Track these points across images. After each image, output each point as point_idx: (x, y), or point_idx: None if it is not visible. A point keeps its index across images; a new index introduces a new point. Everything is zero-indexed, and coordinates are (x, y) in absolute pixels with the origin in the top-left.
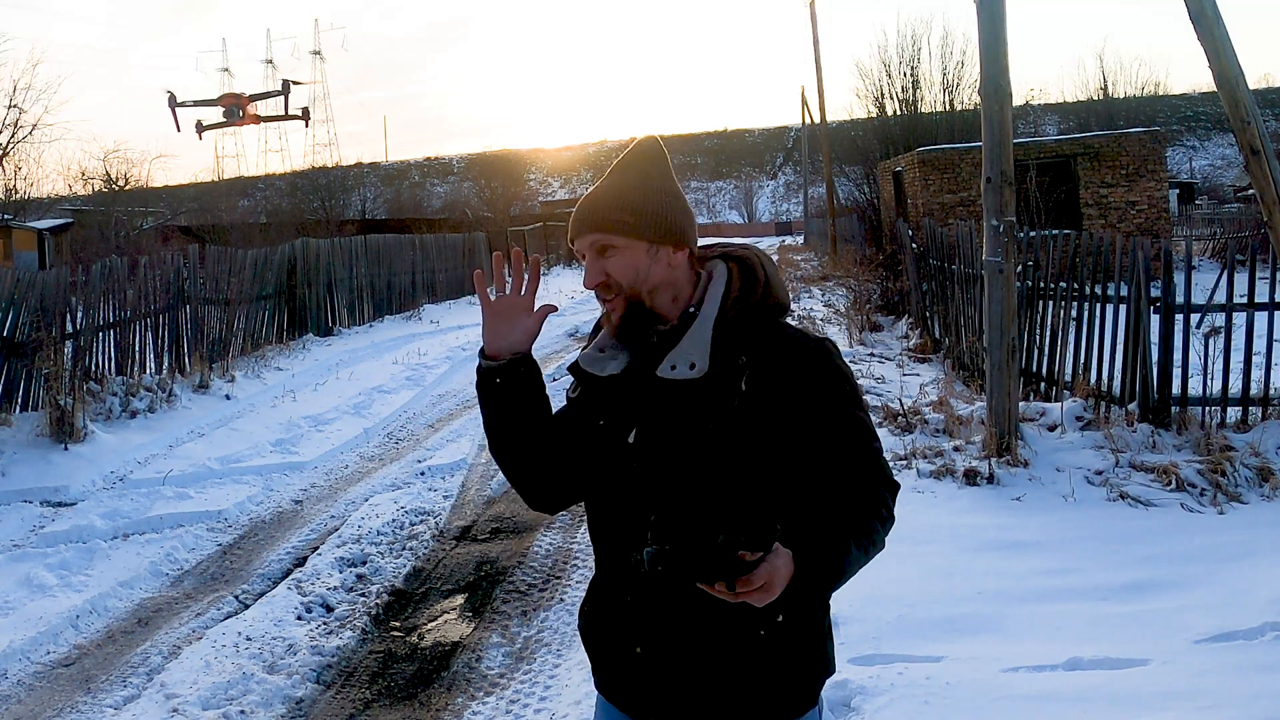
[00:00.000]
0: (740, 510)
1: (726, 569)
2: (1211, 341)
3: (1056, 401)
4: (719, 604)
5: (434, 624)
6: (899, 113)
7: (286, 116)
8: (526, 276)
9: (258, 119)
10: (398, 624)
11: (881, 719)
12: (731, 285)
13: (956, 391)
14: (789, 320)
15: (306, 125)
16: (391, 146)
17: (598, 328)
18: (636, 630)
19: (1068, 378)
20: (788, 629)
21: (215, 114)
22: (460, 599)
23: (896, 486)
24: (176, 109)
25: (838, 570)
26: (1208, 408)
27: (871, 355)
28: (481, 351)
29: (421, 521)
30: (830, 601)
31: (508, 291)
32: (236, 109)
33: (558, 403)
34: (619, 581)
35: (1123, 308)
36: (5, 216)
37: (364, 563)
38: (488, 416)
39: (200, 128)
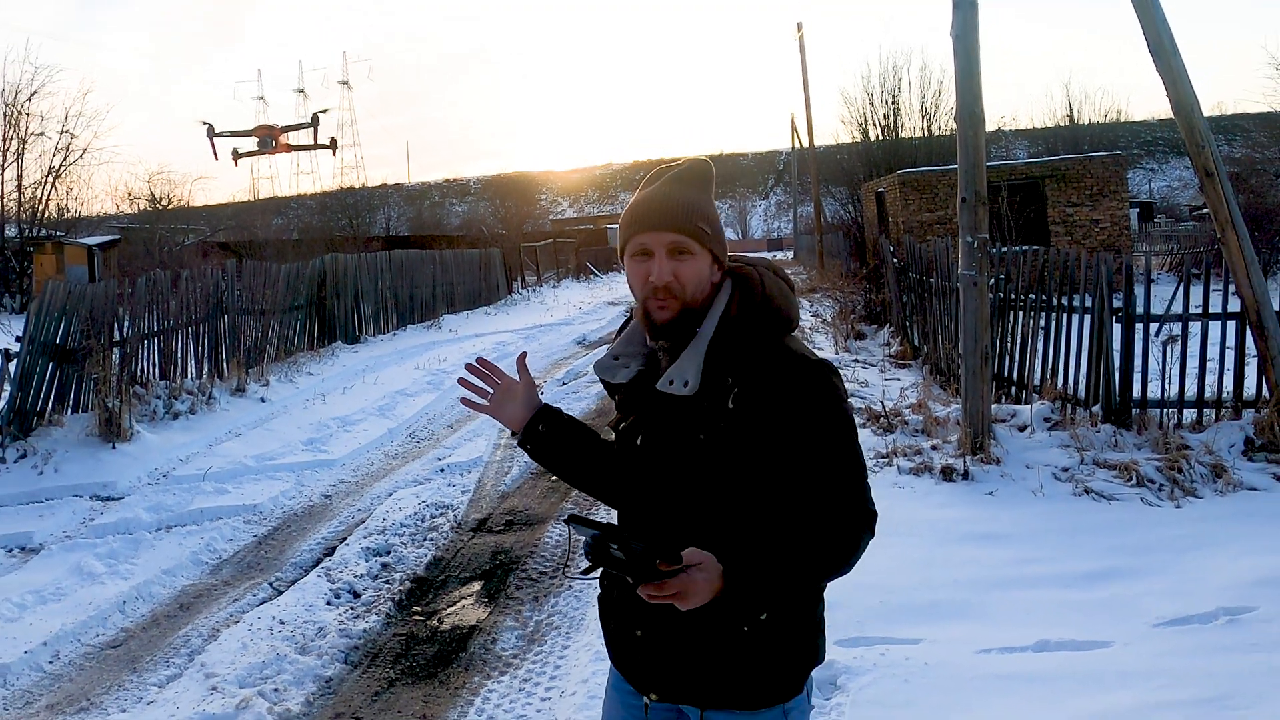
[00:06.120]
0: (665, 527)
1: (639, 573)
2: (1169, 349)
3: (1026, 404)
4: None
5: (453, 609)
6: (881, 138)
7: (315, 146)
8: (485, 370)
9: (289, 148)
10: (419, 609)
11: (865, 696)
12: (731, 305)
13: (934, 395)
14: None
15: (334, 154)
16: (413, 169)
17: (621, 330)
18: (637, 615)
19: (1036, 382)
20: (774, 625)
21: (250, 143)
22: (477, 586)
23: (872, 515)
24: (215, 139)
25: (777, 588)
26: (1165, 409)
27: (855, 361)
28: (513, 433)
29: (441, 514)
30: (824, 595)
31: (490, 390)
32: (269, 139)
33: (561, 404)
34: None
35: (1087, 317)
36: (58, 234)
37: (388, 552)
38: (551, 470)
39: (236, 155)
